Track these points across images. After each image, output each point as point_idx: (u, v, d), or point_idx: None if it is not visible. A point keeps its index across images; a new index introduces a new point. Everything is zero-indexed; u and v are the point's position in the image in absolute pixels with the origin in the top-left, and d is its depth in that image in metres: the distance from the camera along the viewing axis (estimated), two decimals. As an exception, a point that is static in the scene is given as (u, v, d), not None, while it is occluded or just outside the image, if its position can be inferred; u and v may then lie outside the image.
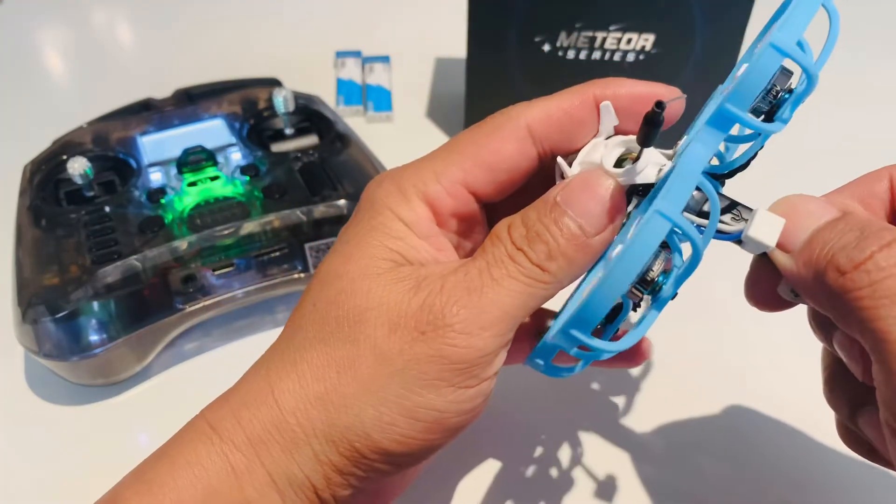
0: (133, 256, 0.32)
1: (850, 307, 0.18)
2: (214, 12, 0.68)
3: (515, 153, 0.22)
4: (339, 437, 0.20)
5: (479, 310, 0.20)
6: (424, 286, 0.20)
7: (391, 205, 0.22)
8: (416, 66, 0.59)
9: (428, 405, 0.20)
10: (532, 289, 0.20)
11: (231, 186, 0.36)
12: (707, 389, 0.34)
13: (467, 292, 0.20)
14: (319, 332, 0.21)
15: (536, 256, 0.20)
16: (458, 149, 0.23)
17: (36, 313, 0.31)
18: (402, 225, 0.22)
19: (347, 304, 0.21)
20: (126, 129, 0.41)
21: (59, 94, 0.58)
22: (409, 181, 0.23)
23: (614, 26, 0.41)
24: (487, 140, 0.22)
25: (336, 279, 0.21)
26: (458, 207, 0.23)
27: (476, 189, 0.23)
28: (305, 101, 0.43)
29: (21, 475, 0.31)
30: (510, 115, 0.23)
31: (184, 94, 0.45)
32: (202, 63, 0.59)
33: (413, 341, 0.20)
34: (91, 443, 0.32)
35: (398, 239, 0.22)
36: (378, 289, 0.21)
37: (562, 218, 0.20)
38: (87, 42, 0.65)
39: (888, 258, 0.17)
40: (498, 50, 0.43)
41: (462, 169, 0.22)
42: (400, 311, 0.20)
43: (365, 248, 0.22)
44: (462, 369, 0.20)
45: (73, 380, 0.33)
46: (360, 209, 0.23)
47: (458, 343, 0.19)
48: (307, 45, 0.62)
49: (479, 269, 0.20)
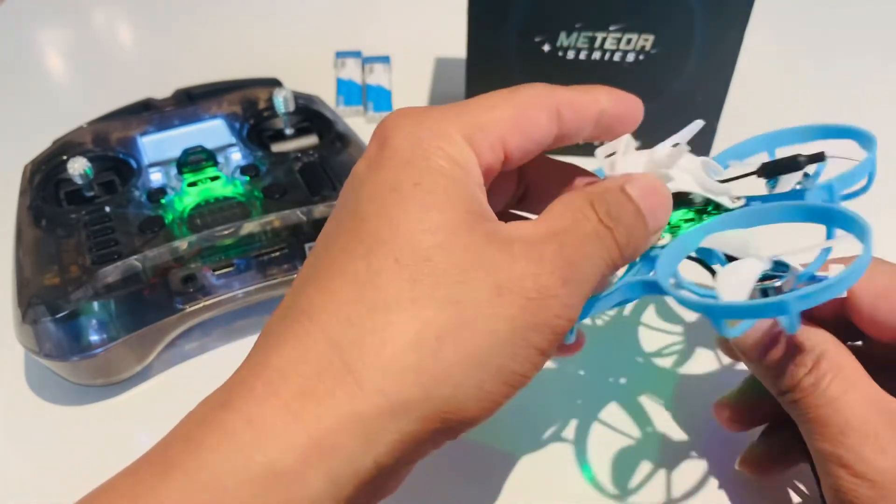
0: (133, 256, 0.32)
1: (793, 416, 0.24)
2: (214, 13, 0.68)
3: (546, 127, 0.22)
4: (434, 410, 0.18)
5: (578, 284, 0.20)
6: (521, 251, 0.19)
7: (445, 148, 0.20)
8: (417, 67, 0.59)
9: (524, 372, 0.19)
10: (608, 270, 0.21)
11: (231, 186, 0.36)
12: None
13: (567, 266, 0.20)
14: (410, 291, 0.18)
15: (620, 239, 0.21)
16: (498, 106, 0.22)
17: (36, 313, 0.31)
18: (463, 171, 0.20)
19: (445, 262, 0.19)
20: (126, 129, 0.41)
21: (59, 94, 0.58)
22: (453, 125, 0.21)
23: (614, 27, 0.41)
24: (526, 107, 0.22)
25: (423, 234, 0.19)
26: (493, 164, 0.22)
27: (510, 151, 0.22)
28: (305, 102, 0.43)
29: (21, 475, 0.31)
30: (542, 90, 0.23)
31: (184, 94, 0.45)
32: (202, 63, 0.59)
33: (521, 309, 0.19)
34: (91, 442, 0.32)
35: (468, 188, 0.20)
36: (475, 246, 0.19)
37: (640, 211, 0.21)
38: (87, 42, 0.65)
39: (806, 386, 0.23)
40: (498, 50, 0.43)
41: (503, 127, 0.21)
42: (504, 275, 0.19)
43: (441, 195, 0.20)
44: (558, 338, 0.20)
45: (74, 380, 0.33)
46: (400, 148, 0.21)
47: (562, 314, 0.19)
48: (307, 45, 0.62)
49: (574, 243, 0.20)
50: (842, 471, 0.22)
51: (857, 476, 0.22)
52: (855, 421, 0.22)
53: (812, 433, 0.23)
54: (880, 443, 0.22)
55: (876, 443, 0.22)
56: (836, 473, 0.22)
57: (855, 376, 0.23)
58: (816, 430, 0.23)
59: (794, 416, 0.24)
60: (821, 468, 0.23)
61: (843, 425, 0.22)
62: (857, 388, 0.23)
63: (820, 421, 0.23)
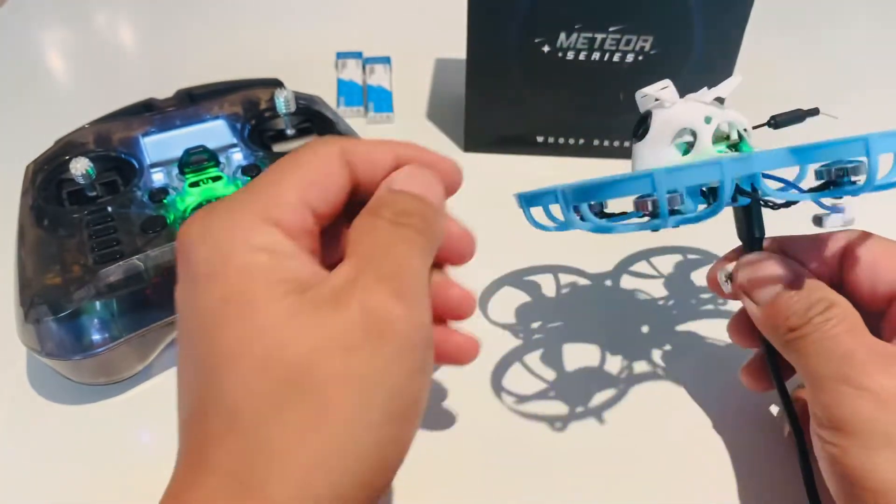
0: (135, 256, 0.32)
1: (793, 351, 0.26)
2: (216, 13, 0.68)
3: (339, 171, 0.23)
4: (347, 494, 0.19)
5: (413, 293, 0.21)
6: (350, 300, 0.19)
7: (245, 242, 0.20)
8: (417, 67, 0.59)
9: (420, 396, 0.21)
10: (428, 258, 0.23)
11: (233, 187, 0.37)
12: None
13: (393, 280, 0.21)
14: (267, 403, 0.18)
15: (420, 224, 0.23)
16: (285, 175, 0.22)
17: (38, 313, 0.31)
18: (269, 256, 0.20)
19: (284, 363, 0.18)
20: (128, 129, 0.41)
21: (61, 95, 0.58)
22: (247, 215, 0.21)
23: (613, 27, 0.42)
24: (311, 161, 0.22)
25: (251, 349, 0.19)
26: (307, 227, 0.22)
27: (317, 209, 0.22)
28: (307, 102, 0.43)
29: (23, 474, 0.31)
30: (324, 141, 0.23)
31: (185, 94, 0.45)
32: (204, 64, 0.59)
33: (377, 354, 0.19)
34: (93, 441, 0.32)
35: (277, 271, 0.20)
36: (306, 330, 0.19)
37: (417, 196, 0.23)
38: (89, 43, 0.65)
39: (820, 323, 0.25)
40: (498, 51, 0.44)
41: (296, 193, 0.21)
42: (341, 341, 0.19)
43: (254, 297, 0.19)
44: (429, 345, 0.22)
45: (76, 379, 0.33)
46: (201, 262, 0.20)
47: (414, 329, 0.20)
48: (308, 46, 0.62)
49: (386, 257, 0.21)
50: (844, 386, 0.23)
51: (861, 388, 0.23)
52: (860, 349, 0.24)
53: (814, 362, 0.25)
54: (885, 364, 0.23)
55: (881, 363, 0.23)
56: (837, 389, 0.23)
57: (860, 325, 0.25)
58: (821, 358, 0.24)
59: (796, 353, 0.25)
60: (820, 392, 0.24)
61: (848, 351, 0.24)
62: (861, 332, 0.24)
63: (824, 351, 0.24)
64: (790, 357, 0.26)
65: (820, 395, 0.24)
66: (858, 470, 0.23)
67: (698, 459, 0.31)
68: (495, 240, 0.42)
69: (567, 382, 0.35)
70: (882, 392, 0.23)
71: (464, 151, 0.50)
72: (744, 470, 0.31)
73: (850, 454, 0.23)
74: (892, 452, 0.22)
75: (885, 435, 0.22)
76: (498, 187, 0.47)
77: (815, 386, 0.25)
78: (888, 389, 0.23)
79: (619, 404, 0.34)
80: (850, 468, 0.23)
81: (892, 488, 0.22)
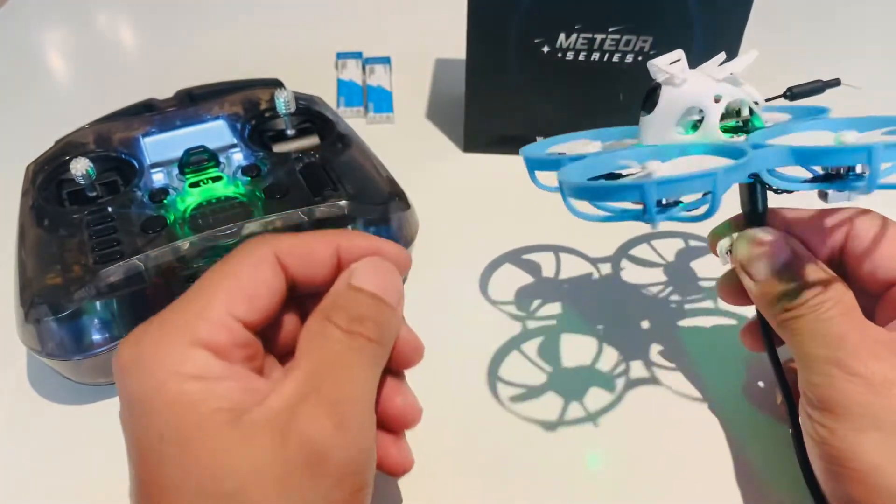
0: (135, 256, 0.32)
1: (787, 330, 0.26)
2: (216, 14, 0.68)
3: (271, 277, 0.23)
4: None
5: (354, 415, 0.21)
6: (284, 426, 0.20)
7: (174, 371, 0.20)
8: (417, 68, 0.59)
9: None
10: (378, 370, 0.23)
11: (233, 187, 0.37)
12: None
13: (334, 407, 0.21)
14: None
15: (374, 334, 0.22)
16: (212, 285, 0.22)
17: (38, 313, 0.31)
18: (201, 384, 0.20)
19: (219, 495, 0.19)
20: (128, 129, 0.41)
21: (61, 95, 0.59)
22: (175, 339, 0.21)
23: (613, 28, 0.42)
24: (240, 269, 0.22)
25: (192, 475, 0.19)
26: (239, 339, 0.22)
27: (248, 319, 0.22)
28: (307, 102, 0.43)
29: (23, 474, 0.31)
30: (256, 243, 0.23)
31: (186, 94, 0.45)
32: (204, 64, 0.59)
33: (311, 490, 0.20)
34: (93, 441, 0.32)
35: (208, 400, 0.20)
36: (244, 460, 0.19)
37: (376, 296, 0.23)
38: (89, 43, 0.65)
39: (815, 305, 0.25)
40: (498, 51, 0.44)
41: (224, 302, 0.22)
42: (278, 470, 0.19)
43: (192, 430, 0.19)
44: (364, 477, 0.22)
45: (76, 379, 0.33)
46: (136, 394, 0.20)
47: (350, 459, 0.21)
48: (308, 46, 0.62)
49: (333, 374, 0.21)
50: (835, 369, 0.23)
51: (852, 373, 0.23)
52: (853, 333, 0.24)
53: (807, 343, 0.25)
54: (876, 350, 0.24)
55: (873, 348, 0.24)
56: (830, 373, 0.24)
57: (854, 309, 0.25)
58: (814, 340, 0.24)
59: (790, 333, 0.26)
60: (811, 374, 0.24)
61: (841, 334, 0.24)
62: (855, 315, 0.25)
63: (818, 333, 0.24)
64: (783, 335, 0.26)
65: (811, 377, 0.24)
66: (845, 451, 0.23)
67: (697, 444, 0.31)
68: (495, 239, 0.42)
69: (564, 370, 0.35)
70: (873, 377, 0.23)
71: (464, 151, 0.50)
72: (740, 453, 0.31)
73: (838, 436, 0.23)
74: (879, 436, 0.22)
75: (874, 419, 0.23)
76: (497, 187, 0.47)
77: (806, 367, 0.25)
78: (879, 375, 0.23)
79: (618, 392, 0.34)
80: (836, 449, 0.23)
81: (876, 471, 0.22)
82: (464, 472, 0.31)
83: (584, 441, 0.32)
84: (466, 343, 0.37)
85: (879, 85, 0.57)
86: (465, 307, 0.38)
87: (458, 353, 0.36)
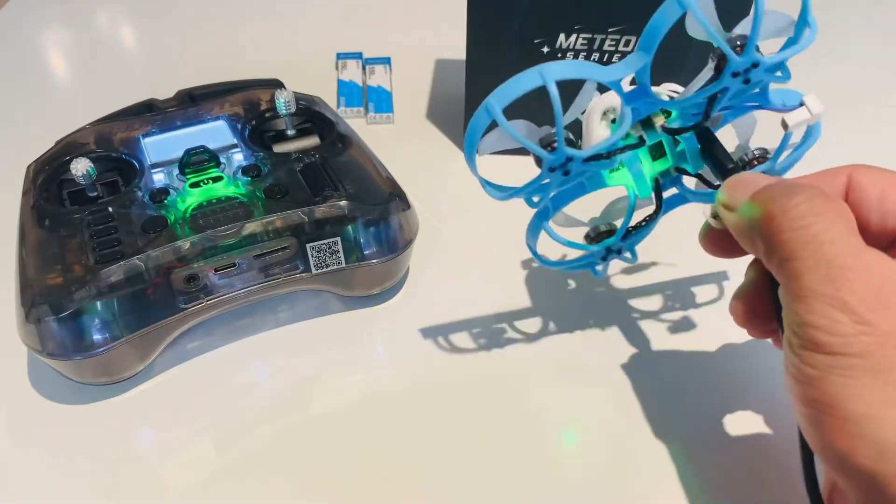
0: (136, 256, 0.32)
1: (774, 246, 0.23)
2: (216, 14, 0.68)
3: None
4: None
5: None
6: None
7: None
8: (417, 68, 0.59)
9: None
10: None
11: (233, 187, 0.37)
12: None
13: None
14: None
15: None
16: None
17: (39, 313, 0.31)
18: None
19: None
20: (129, 129, 0.41)
21: (62, 95, 0.59)
22: None
23: (613, 29, 0.42)
24: None
25: None
26: None
27: None
28: (307, 103, 0.44)
29: (24, 473, 0.31)
30: None
31: (186, 95, 0.45)
32: (204, 64, 0.60)
33: None
34: (94, 441, 0.32)
35: None
36: None
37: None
38: (89, 43, 0.65)
39: (807, 210, 0.22)
40: (497, 52, 0.44)
41: None
42: None
43: None
44: None
45: (77, 379, 0.34)
46: None
47: None
48: (308, 46, 0.62)
49: None
50: (841, 314, 0.21)
51: (860, 322, 0.21)
52: (859, 271, 0.22)
53: (806, 274, 0.22)
54: (883, 294, 0.21)
55: (879, 293, 0.21)
56: (831, 316, 0.22)
57: (857, 234, 0.23)
58: (815, 271, 0.22)
59: (787, 257, 0.23)
60: (807, 312, 0.22)
61: (845, 269, 0.22)
62: (860, 243, 0.23)
63: (822, 261, 0.22)
64: (769, 258, 0.24)
65: (806, 315, 0.22)
66: (832, 397, 0.21)
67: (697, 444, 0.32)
68: (496, 239, 0.42)
69: (565, 369, 0.35)
70: (880, 325, 0.21)
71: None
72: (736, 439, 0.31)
73: (828, 380, 0.22)
74: (872, 385, 0.21)
75: (871, 368, 0.21)
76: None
77: (800, 300, 0.22)
78: (887, 324, 0.21)
79: (619, 390, 0.34)
80: (823, 394, 0.22)
81: (861, 418, 0.21)
82: (466, 472, 0.31)
83: (591, 440, 0.32)
84: (467, 343, 0.37)
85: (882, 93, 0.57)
86: (465, 307, 0.38)
87: (459, 353, 0.36)
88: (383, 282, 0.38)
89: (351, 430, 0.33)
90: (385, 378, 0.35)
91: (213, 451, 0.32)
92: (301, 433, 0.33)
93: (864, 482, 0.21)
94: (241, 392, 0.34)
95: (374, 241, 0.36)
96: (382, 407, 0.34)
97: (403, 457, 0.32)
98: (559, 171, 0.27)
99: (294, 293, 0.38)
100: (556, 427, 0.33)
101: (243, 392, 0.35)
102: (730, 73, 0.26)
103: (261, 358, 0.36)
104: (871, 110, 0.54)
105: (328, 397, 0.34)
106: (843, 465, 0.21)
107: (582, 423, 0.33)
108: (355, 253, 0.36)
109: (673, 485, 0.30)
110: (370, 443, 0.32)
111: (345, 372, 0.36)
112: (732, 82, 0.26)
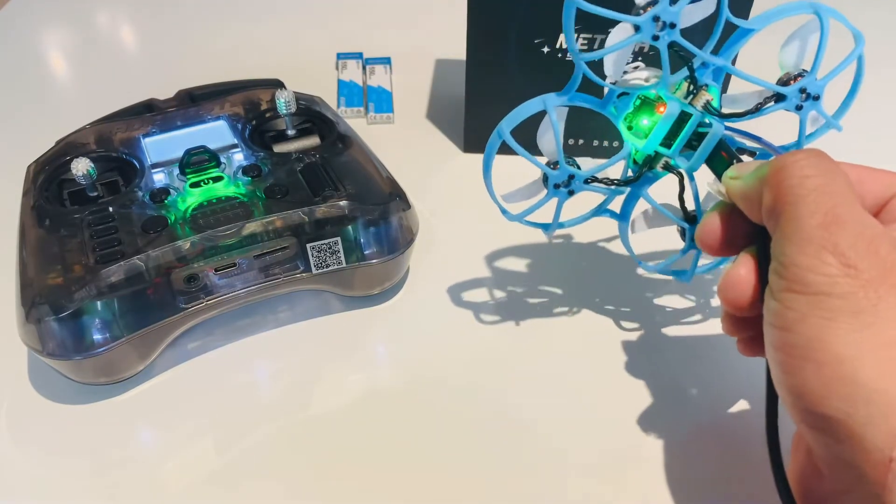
0: (136, 256, 0.32)
1: (780, 193, 0.24)
2: (217, 14, 0.68)
3: None
4: None
5: None
6: None
7: None
8: (417, 68, 0.59)
9: None
10: None
11: (233, 187, 0.37)
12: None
13: None
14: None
15: None
16: None
17: (39, 313, 0.31)
18: None
19: None
20: (129, 129, 0.41)
21: (62, 95, 0.59)
22: None
23: (612, 28, 0.42)
24: None
25: None
26: None
27: None
28: (307, 103, 0.44)
29: (24, 473, 0.31)
30: None
31: (186, 95, 0.45)
32: (205, 64, 0.60)
33: None
34: (94, 441, 0.32)
35: None
36: None
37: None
38: (90, 43, 0.66)
39: (815, 163, 0.24)
40: (498, 52, 0.44)
41: None
42: None
43: None
44: None
45: (77, 378, 0.34)
46: None
47: None
48: (309, 46, 0.62)
49: None
50: (831, 257, 0.22)
51: (848, 265, 0.22)
52: (853, 220, 0.22)
53: (805, 215, 0.23)
54: (874, 244, 0.22)
55: (871, 242, 0.22)
56: (822, 258, 0.22)
57: (853, 195, 0.24)
58: (813, 215, 0.23)
59: (790, 201, 0.24)
60: (798, 253, 0.23)
61: (841, 217, 0.22)
62: (856, 203, 0.23)
63: (820, 207, 0.23)
64: (783, 213, 0.24)
65: (797, 256, 0.22)
66: (812, 340, 0.22)
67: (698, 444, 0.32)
68: (496, 239, 0.42)
69: (565, 368, 0.35)
70: (867, 271, 0.22)
71: (464, 151, 0.50)
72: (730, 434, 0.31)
73: (808, 322, 0.22)
74: (854, 325, 0.21)
75: (853, 311, 0.21)
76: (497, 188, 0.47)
77: (792, 241, 0.23)
78: (873, 269, 0.22)
79: (621, 387, 0.34)
80: (803, 337, 0.22)
81: (838, 359, 0.21)
82: (466, 472, 0.31)
83: (590, 438, 0.32)
84: (467, 343, 0.37)
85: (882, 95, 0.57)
86: (465, 307, 0.38)
87: (459, 353, 0.36)
88: (383, 282, 0.38)
89: (351, 430, 0.33)
90: (385, 378, 0.35)
91: (213, 452, 0.32)
92: (301, 433, 0.33)
93: (832, 430, 0.21)
94: (241, 392, 0.35)
95: (374, 241, 0.36)
96: (382, 407, 0.34)
97: (403, 457, 0.32)
98: (564, 190, 0.31)
99: (294, 293, 0.38)
100: (556, 427, 0.33)
101: (243, 392, 0.35)
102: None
103: (261, 358, 0.36)
104: (871, 110, 0.54)
105: (328, 397, 0.34)
106: (814, 414, 0.21)
107: (582, 422, 0.33)
108: (355, 253, 0.36)
109: (671, 482, 0.30)
110: (370, 443, 0.32)
111: (345, 372, 0.36)
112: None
